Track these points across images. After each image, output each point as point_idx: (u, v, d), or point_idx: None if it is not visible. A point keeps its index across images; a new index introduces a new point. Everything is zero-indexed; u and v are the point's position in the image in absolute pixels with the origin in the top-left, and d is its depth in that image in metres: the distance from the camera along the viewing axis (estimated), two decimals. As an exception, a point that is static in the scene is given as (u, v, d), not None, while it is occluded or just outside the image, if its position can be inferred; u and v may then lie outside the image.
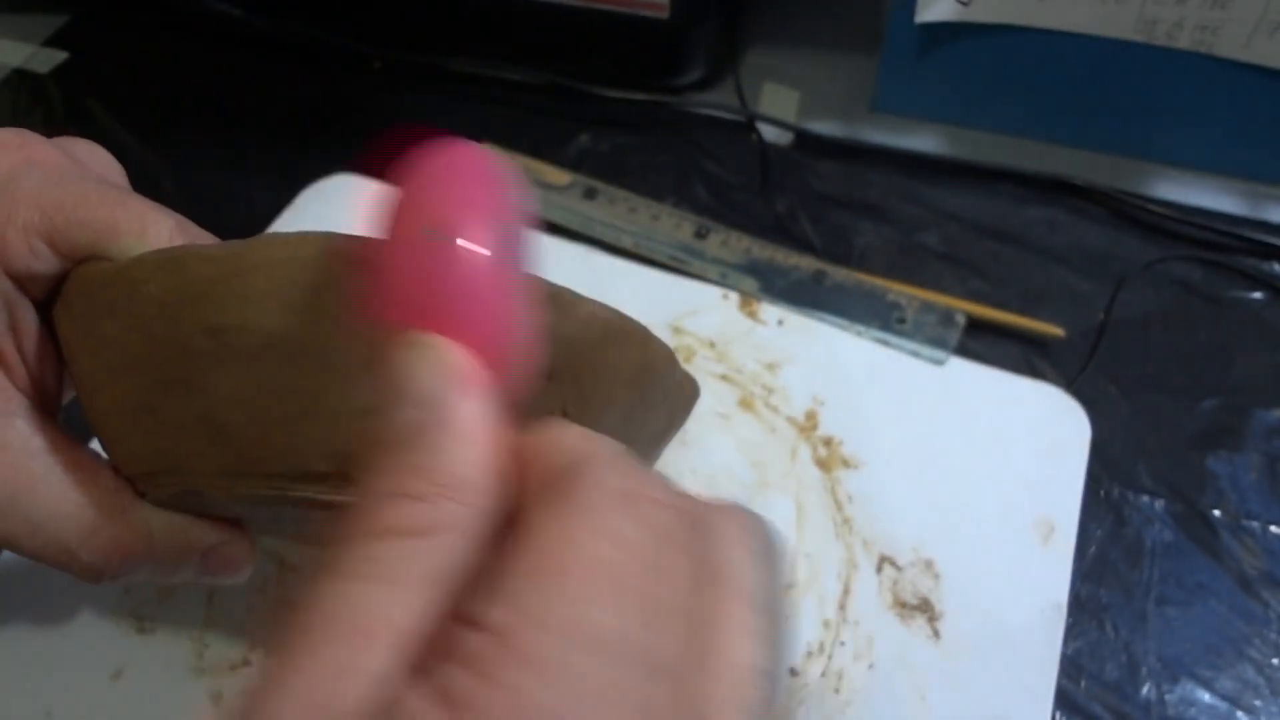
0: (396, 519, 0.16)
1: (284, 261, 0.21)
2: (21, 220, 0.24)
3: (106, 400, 0.24)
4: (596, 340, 0.24)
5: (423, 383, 0.17)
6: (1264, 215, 0.49)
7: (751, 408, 0.42)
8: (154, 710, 0.35)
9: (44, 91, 0.59)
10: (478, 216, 0.18)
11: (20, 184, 0.24)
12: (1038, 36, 0.47)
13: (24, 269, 0.24)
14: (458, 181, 0.18)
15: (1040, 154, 0.52)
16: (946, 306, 0.45)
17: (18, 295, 0.25)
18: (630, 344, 0.25)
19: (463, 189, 0.18)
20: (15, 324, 0.25)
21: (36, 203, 0.24)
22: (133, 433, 0.24)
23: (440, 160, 0.18)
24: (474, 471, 0.16)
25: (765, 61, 0.58)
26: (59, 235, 0.24)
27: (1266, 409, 0.42)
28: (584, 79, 0.56)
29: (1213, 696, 0.35)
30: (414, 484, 0.16)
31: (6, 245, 0.24)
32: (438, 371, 0.17)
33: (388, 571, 0.15)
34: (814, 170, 0.52)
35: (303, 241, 0.21)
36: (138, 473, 0.25)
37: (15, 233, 0.24)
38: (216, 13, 0.58)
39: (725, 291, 0.46)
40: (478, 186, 0.18)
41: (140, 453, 0.24)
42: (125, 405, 0.24)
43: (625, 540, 0.15)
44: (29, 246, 0.24)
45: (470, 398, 0.17)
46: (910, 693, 0.35)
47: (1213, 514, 0.39)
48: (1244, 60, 0.45)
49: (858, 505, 0.39)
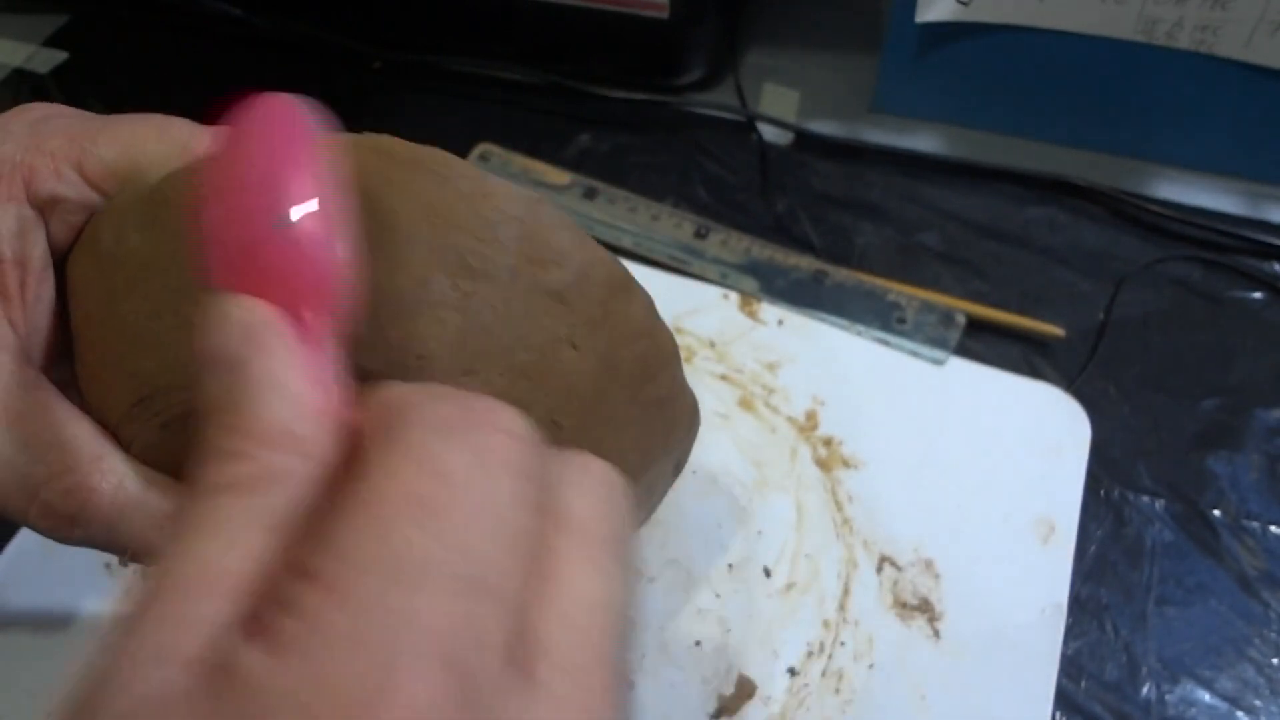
0: (220, 476, 0.16)
1: None
2: (50, 147, 0.25)
3: (114, 324, 0.24)
4: (608, 280, 0.24)
5: (226, 343, 0.17)
6: (1264, 215, 0.49)
7: (751, 408, 0.42)
8: (154, 710, 0.35)
9: (44, 91, 0.59)
10: (284, 173, 0.18)
11: (51, 121, 0.26)
12: (1038, 36, 0.47)
13: (49, 192, 0.25)
14: (265, 138, 0.19)
15: (1040, 154, 0.52)
16: (946, 306, 0.45)
17: (36, 225, 0.25)
18: (641, 305, 0.25)
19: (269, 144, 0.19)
20: (26, 258, 0.25)
21: (66, 132, 0.25)
22: (139, 350, 0.23)
23: (249, 117, 0.19)
24: (285, 418, 0.17)
25: (765, 61, 0.58)
26: (87, 158, 0.25)
27: (1266, 409, 0.42)
28: (584, 79, 0.56)
29: (1213, 696, 0.35)
30: (230, 442, 0.16)
31: (33, 172, 0.25)
32: (239, 330, 0.17)
33: (217, 523, 0.16)
34: (814, 170, 0.52)
35: (355, 144, 0.22)
36: (130, 404, 0.24)
37: (43, 159, 0.25)
38: (216, 13, 0.58)
39: (725, 291, 0.46)
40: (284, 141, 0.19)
41: (144, 371, 0.24)
42: (139, 317, 0.23)
43: (440, 469, 0.15)
44: (56, 170, 0.25)
45: (277, 350, 0.17)
46: (910, 693, 0.35)
47: (1213, 514, 0.39)
48: (1244, 60, 0.45)
49: (858, 505, 0.39)
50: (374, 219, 0.22)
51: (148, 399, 0.24)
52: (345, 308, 0.18)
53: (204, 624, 0.15)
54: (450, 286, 0.22)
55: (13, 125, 0.26)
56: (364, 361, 0.21)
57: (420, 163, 0.23)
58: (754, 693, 0.35)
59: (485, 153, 0.52)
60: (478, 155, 0.52)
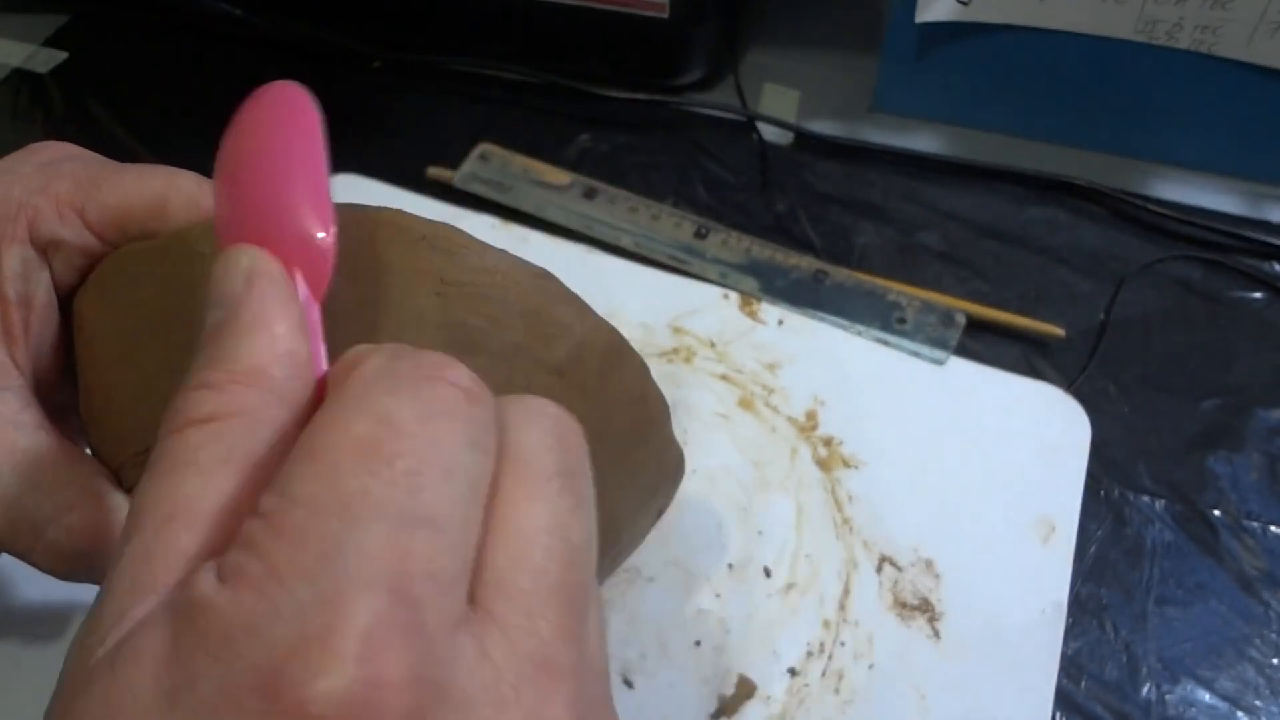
0: (193, 408, 0.17)
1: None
2: (55, 190, 0.25)
3: (123, 371, 0.24)
4: (605, 351, 0.25)
5: (227, 285, 0.18)
6: (1264, 215, 0.49)
7: (751, 408, 0.42)
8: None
9: (44, 91, 0.59)
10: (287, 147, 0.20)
11: (60, 165, 0.26)
12: (1038, 36, 0.47)
13: (51, 235, 0.25)
14: (271, 116, 0.21)
15: (1040, 154, 0.52)
16: (946, 306, 0.45)
17: (40, 266, 0.25)
18: (634, 371, 0.26)
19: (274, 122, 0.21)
20: (30, 298, 0.25)
21: (73, 176, 0.26)
22: (146, 400, 0.24)
23: (256, 100, 0.21)
24: (266, 359, 0.18)
25: (765, 61, 0.58)
26: (90, 204, 0.25)
27: (1266, 409, 0.42)
28: (584, 79, 0.56)
29: (1213, 696, 0.35)
30: (208, 374, 0.17)
31: (38, 213, 0.25)
32: (240, 274, 0.19)
33: (188, 458, 0.17)
34: (814, 170, 0.52)
35: (349, 210, 0.23)
36: (135, 452, 0.25)
37: (47, 201, 0.25)
38: (216, 13, 0.58)
39: (725, 291, 0.46)
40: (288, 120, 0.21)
41: (150, 423, 0.24)
42: (146, 369, 0.24)
43: (384, 415, 0.16)
44: (59, 214, 0.25)
45: (268, 294, 0.18)
46: (910, 693, 0.35)
47: (1213, 514, 0.39)
48: (1244, 60, 0.45)
49: (858, 505, 0.39)
50: (384, 293, 0.22)
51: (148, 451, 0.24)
52: (329, 276, 0.20)
53: (178, 557, 0.16)
54: None
55: (22, 167, 0.26)
56: None
57: (430, 238, 0.23)
58: (754, 693, 0.35)
59: (485, 153, 0.52)
60: (478, 155, 0.52)
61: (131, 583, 0.16)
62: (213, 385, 0.17)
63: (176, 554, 0.16)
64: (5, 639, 0.36)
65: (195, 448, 0.17)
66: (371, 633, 0.14)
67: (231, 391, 0.17)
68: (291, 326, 0.18)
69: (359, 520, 0.15)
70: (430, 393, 0.16)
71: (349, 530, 0.15)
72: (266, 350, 0.18)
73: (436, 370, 0.17)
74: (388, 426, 0.16)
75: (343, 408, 0.16)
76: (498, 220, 0.49)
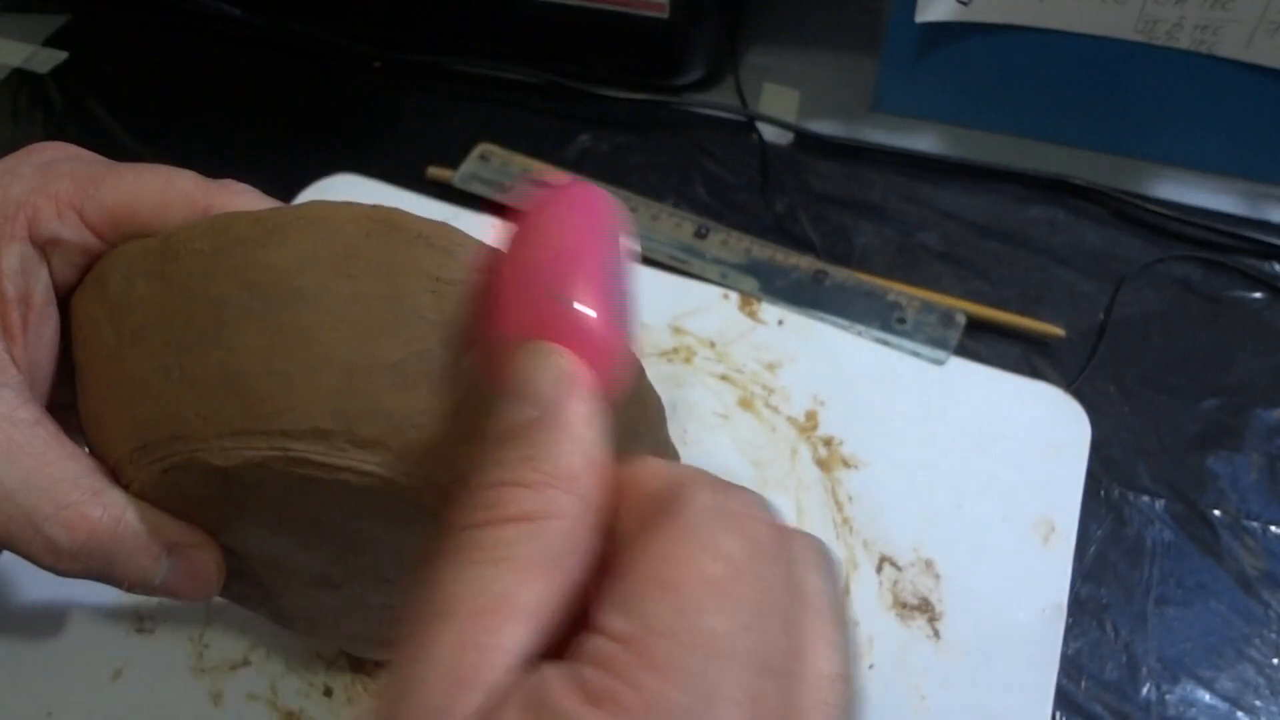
0: (512, 504, 0.17)
1: (324, 222, 0.23)
2: (54, 189, 0.25)
3: (120, 369, 0.24)
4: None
5: (540, 385, 0.19)
6: (1264, 215, 0.49)
7: (751, 408, 0.42)
8: (154, 710, 0.35)
9: (44, 91, 0.59)
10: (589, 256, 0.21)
11: (60, 165, 0.26)
12: (1038, 36, 0.47)
13: (50, 234, 0.25)
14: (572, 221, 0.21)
15: (1040, 154, 0.52)
16: (946, 306, 0.45)
17: (39, 264, 0.26)
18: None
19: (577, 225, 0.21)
20: (28, 295, 0.26)
21: (72, 176, 0.26)
22: (142, 398, 0.24)
23: (556, 199, 0.21)
24: (580, 466, 0.18)
25: (765, 61, 0.58)
26: (89, 203, 0.25)
27: (1266, 409, 0.42)
28: (584, 79, 0.56)
29: (1213, 696, 0.35)
30: (526, 473, 0.18)
31: (37, 211, 0.25)
32: (553, 375, 0.19)
33: (504, 553, 0.17)
34: (814, 170, 0.52)
35: (346, 207, 0.23)
36: (132, 449, 0.25)
37: (46, 200, 0.25)
38: (216, 13, 0.58)
39: (725, 291, 0.46)
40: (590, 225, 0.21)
41: (145, 419, 0.24)
42: (143, 368, 0.24)
43: (727, 555, 0.16)
44: (58, 213, 0.25)
45: (581, 401, 0.19)
46: (910, 693, 0.35)
47: (1213, 514, 0.39)
48: (1244, 60, 0.45)
49: (858, 505, 0.39)
50: (378, 290, 0.22)
51: (149, 445, 0.24)
52: (620, 382, 0.20)
53: (502, 652, 0.16)
54: (450, 360, 0.22)
55: (21, 167, 0.26)
56: (359, 429, 0.22)
57: (427, 237, 0.23)
58: (754, 693, 0.35)
59: (485, 153, 0.52)
60: (478, 155, 0.52)
61: (453, 672, 0.16)
62: (530, 485, 0.17)
63: (498, 649, 0.16)
64: (5, 639, 0.36)
65: (510, 544, 0.17)
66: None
67: (548, 494, 0.17)
68: (601, 436, 0.19)
69: (721, 661, 0.15)
70: (752, 529, 0.17)
71: (715, 670, 0.15)
72: (581, 457, 0.18)
73: (749, 505, 0.18)
74: (727, 565, 0.16)
75: (687, 544, 0.17)
76: (498, 220, 0.49)
